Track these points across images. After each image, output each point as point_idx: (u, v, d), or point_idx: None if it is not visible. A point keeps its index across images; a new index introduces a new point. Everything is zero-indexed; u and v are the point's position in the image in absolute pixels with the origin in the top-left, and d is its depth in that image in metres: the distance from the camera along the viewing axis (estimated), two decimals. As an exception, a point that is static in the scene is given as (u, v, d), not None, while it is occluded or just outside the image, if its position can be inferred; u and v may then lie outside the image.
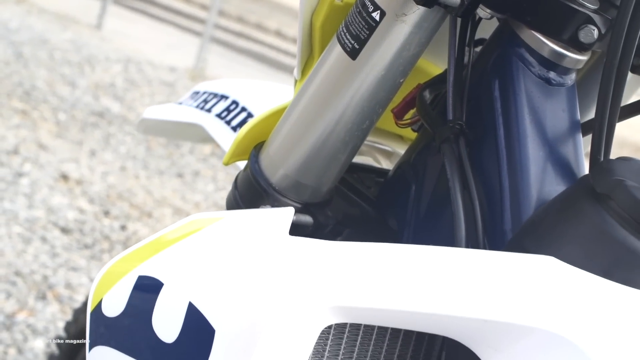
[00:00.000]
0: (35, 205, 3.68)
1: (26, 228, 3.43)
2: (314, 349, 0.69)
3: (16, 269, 3.09)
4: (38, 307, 2.90)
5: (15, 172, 3.97)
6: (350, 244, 0.68)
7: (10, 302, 2.87)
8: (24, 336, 2.72)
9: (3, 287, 2.94)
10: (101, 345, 0.79)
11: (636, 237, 0.63)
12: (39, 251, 3.29)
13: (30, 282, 3.05)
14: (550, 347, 0.58)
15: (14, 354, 2.63)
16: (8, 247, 3.23)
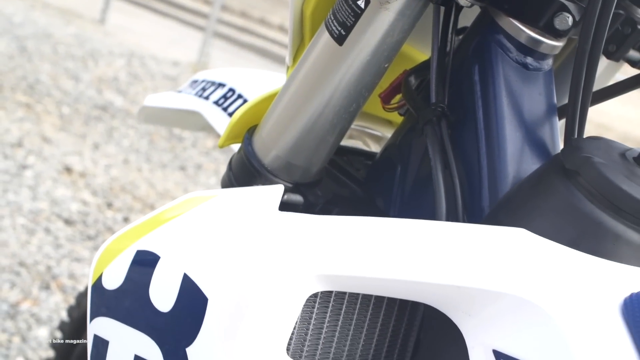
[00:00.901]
0: (39, 197, 3.70)
1: (30, 219, 3.46)
2: (301, 317, 0.73)
3: (20, 259, 3.12)
4: (42, 297, 2.92)
5: (19, 164, 3.99)
6: (334, 217, 0.72)
7: (15, 292, 2.90)
8: (27, 325, 2.74)
9: (7, 277, 2.97)
10: (101, 317, 0.83)
11: (602, 210, 0.67)
12: (43, 242, 3.31)
13: (34, 272, 3.07)
14: (517, 311, 0.61)
15: (18, 342, 2.65)
16: (12, 238, 3.25)
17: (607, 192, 0.66)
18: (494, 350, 0.62)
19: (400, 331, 0.81)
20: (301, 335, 0.74)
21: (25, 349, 2.63)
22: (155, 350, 0.76)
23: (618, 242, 0.66)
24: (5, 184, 3.71)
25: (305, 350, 0.75)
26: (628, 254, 0.66)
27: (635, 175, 0.68)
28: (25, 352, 2.62)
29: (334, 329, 0.76)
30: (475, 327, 0.64)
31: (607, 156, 0.69)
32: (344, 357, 0.77)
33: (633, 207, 0.66)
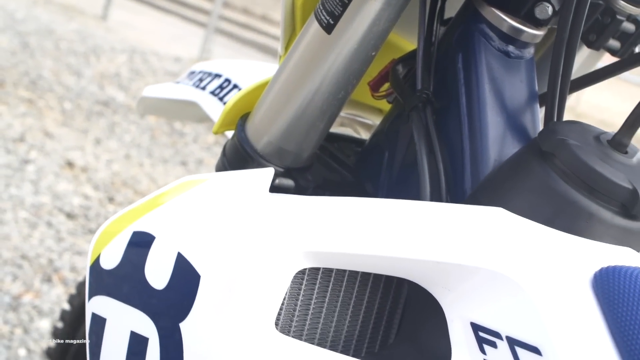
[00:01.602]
0: (41, 192, 3.72)
1: (32, 213, 3.48)
2: (289, 293, 0.76)
3: (22, 252, 3.14)
4: (44, 290, 2.94)
5: (22, 159, 4.01)
6: (321, 197, 0.75)
7: (17, 284, 2.92)
8: (29, 317, 2.76)
9: (9, 270, 2.99)
10: (99, 295, 0.86)
11: (576, 190, 0.69)
12: (45, 236, 3.33)
13: (36, 265, 3.09)
14: (493, 284, 0.64)
15: (20, 333, 2.66)
16: (14, 232, 3.27)
17: (581, 173, 0.69)
18: (472, 322, 0.65)
19: (385, 309, 0.84)
20: (289, 311, 0.77)
21: (27, 340, 2.65)
22: (150, 326, 0.79)
23: (591, 220, 0.68)
24: (7, 178, 3.73)
25: (294, 326, 0.77)
26: (600, 231, 0.69)
27: (609, 157, 0.71)
28: (27, 343, 2.63)
29: (321, 305, 0.79)
30: (454, 301, 0.67)
31: (582, 139, 0.72)
32: (331, 332, 0.80)
33: (606, 187, 0.69)
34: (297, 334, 0.78)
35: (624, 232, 0.69)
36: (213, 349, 0.73)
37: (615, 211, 0.69)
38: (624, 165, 0.71)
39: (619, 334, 0.59)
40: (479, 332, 0.64)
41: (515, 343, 0.61)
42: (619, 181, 0.69)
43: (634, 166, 0.71)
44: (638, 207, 0.69)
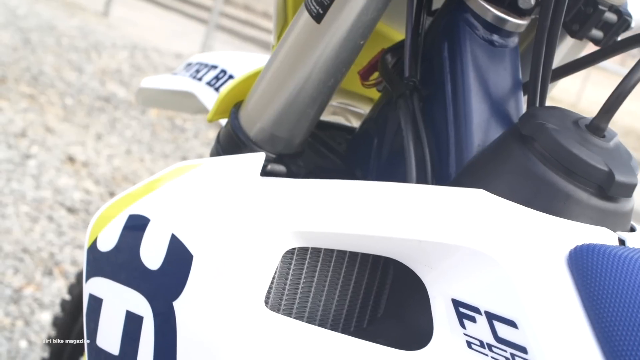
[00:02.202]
0: (43, 186, 3.74)
1: (33, 207, 3.50)
2: (278, 273, 0.78)
3: (24, 246, 3.16)
4: (45, 283, 2.97)
5: (23, 154, 4.03)
6: (310, 180, 0.77)
7: (18, 277, 2.94)
8: (30, 309, 2.78)
9: (11, 263, 3.01)
10: (96, 277, 0.88)
11: (554, 172, 0.72)
12: (46, 229, 3.35)
13: (37, 258, 3.11)
14: (473, 262, 0.66)
15: (21, 325, 2.68)
16: (16, 226, 3.29)
17: (559, 156, 0.72)
18: (452, 299, 0.67)
19: (373, 288, 0.86)
20: (279, 289, 0.79)
21: (28, 332, 2.66)
22: (145, 305, 0.81)
23: (568, 201, 0.71)
24: (9, 173, 3.75)
25: (283, 304, 0.80)
26: (577, 211, 0.71)
27: (587, 141, 0.73)
28: (29, 335, 2.65)
29: (309, 284, 0.81)
30: (436, 279, 0.70)
31: (560, 123, 0.74)
32: (320, 310, 0.83)
33: (583, 169, 0.71)
34: (287, 311, 0.81)
35: (600, 212, 0.72)
36: (205, 326, 0.76)
37: (591, 192, 0.71)
38: (601, 149, 0.73)
39: (592, 307, 0.62)
40: (459, 307, 0.67)
41: (493, 317, 0.64)
42: (596, 163, 0.71)
43: (610, 149, 0.74)
44: (614, 189, 0.71)
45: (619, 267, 0.63)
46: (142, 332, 0.81)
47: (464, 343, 0.66)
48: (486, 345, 0.64)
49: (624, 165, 0.73)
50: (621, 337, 0.60)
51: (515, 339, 0.63)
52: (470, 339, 0.66)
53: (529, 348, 0.62)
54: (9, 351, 2.56)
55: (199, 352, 0.76)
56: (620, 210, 0.73)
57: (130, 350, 0.82)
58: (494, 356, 0.64)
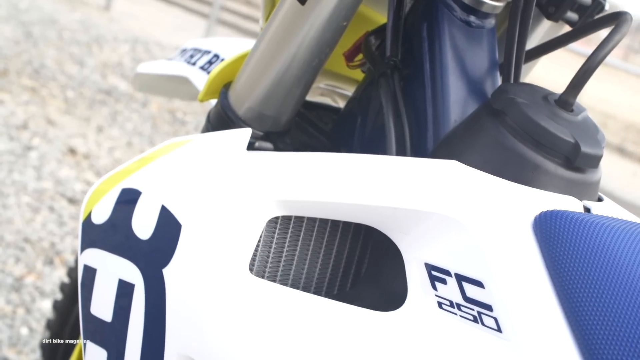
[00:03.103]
0: (44, 177, 3.77)
1: (35, 198, 3.52)
2: (263, 241, 0.82)
3: (25, 235, 3.19)
4: (46, 272, 3.00)
5: (25, 145, 4.06)
6: (292, 153, 0.81)
7: (19, 266, 2.97)
8: (32, 297, 2.81)
9: (12, 253, 3.04)
10: (90, 248, 0.92)
11: (523, 144, 0.75)
12: (47, 220, 3.38)
13: (39, 248, 3.14)
14: (444, 227, 0.70)
15: (22, 313, 2.71)
16: (17, 216, 3.32)
17: (528, 128, 0.75)
18: (425, 263, 0.71)
19: (354, 255, 0.90)
20: (263, 257, 0.83)
21: (29, 319, 2.69)
22: (136, 273, 0.85)
23: (536, 171, 0.74)
24: (10, 164, 3.77)
25: (267, 271, 0.84)
26: (545, 181, 0.74)
27: (555, 115, 0.77)
28: (29, 322, 2.68)
29: (293, 252, 0.85)
30: (410, 244, 0.73)
31: (530, 98, 0.78)
32: (303, 277, 0.87)
33: (550, 141, 0.74)
34: (271, 277, 0.84)
35: (567, 182, 0.75)
36: (192, 291, 0.79)
37: (558, 163, 0.75)
38: (569, 122, 0.77)
39: (554, 268, 0.65)
40: (431, 271, 0.70)
41: (462, 279, 0.68)
42: (562, 135, 0.75)
43: (578, 123, 0.77)
44: (580, 159, 0.74)
45: (581, 231, 0.66)
46: (133, 298, 0.85)
47: (435, 304, 0.69)
48: (455, 305, 0.68)
49: (590, 137, 0.76)
50: (580, 294, 0.63)
51: (482, 298, 0.66)
52: (441, 300, 0.69)
53: (494, 306, 0.65)
54: (10, 338, 2.58)
55: (187, 315, 0.80)
56: (587, 181, 0.77)
57: (122, 317, 0.86)
58: (462, 315, 0.68)
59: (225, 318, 0.77)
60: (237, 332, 0.76)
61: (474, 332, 0.66)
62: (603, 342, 0.61)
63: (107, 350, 0.88)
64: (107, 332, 0.88)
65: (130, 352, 0.85)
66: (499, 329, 0.65)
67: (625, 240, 0.67)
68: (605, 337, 0.61)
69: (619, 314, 0.62)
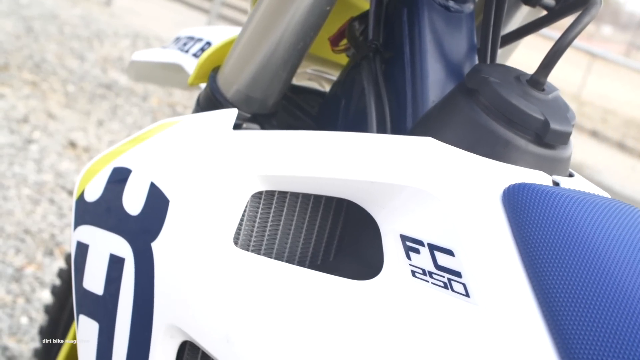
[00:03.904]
0: (44, 170, 3.79)
1: (35, 190, 3.55)
2: (247, 215, 0.85)
3: (25, 227, 3.21)
4: (45, 262, 3.02)
5: (25, 139, 4.08)
6: (276, 131, 0.84)
7: (20, 257, 2.99)
8: (32, 288, 2.84)
9: (13, 244, 3.07)
10: (83, 225, 0.96)
11: (495, 121, 0.78)
12: (47, 212, 3.40)
13: (39, 239, 3.16)
14: (417, 200, 0.73)
15: (22, 303, 2.73)
16: (18, 208, 3.34)
17: (500, 106, 0.78)
18: (400, 234, 0.74)
19: (336, 232, 0.93)
20: (248, 231, 0.86)
21: (29, 309, 2.71)
22: (126, 247, 0.88)
23: (508, 147, 0.77)
24: (11, 157, 3.79)
25: (252, 245, 0.87)
26: (516, 156, 0.77)
27: (526, 94, 0.80)
28: (29, 312, 2.70)
29: (276, 226, 0.88)
30: (386, 217, 0.76)
31: (503, 78, 0.81)
32: (287, 251, 0.90)
33: (521, 118, 0.77)
34: (255, 251, 0.87)
35: (538, 157, 0.78)
36: (179, 263, 0.83)
37: (529, 139, 0.78)
38: (539, 100, 0.80)
39: (520, 237, 0.68)
40: (406, 241, 0.73)
41: (434, 248, 0.71)
42: (533, 113, 0.78)
43: (548, 101, 0.80)
44: (549, 136, 0.77)
45: (547, 202, 0.69)
46: (123, 272, 0.88)
47: (409, 272, 0.73)
48: (427, 272, 0.71)
49: (560, 115, 0.79)
50: (543, 261, 0.67)
51: (452, 265, 0.69)
52: (415, 269, 0.72)
53: (463, 272, 0.69)
54: (10, 327, 2.60)
55: (174, 287, 0.83)
56: (557, 157, 0.80)
57: (113, 289, 0.89)
58: (434, 282, 0.71)
59: (210, 288, 0.80)
60: (222, 302, 0.79)
61: (444, 298, 0.70)
62: (564, 305, 0.64)
63: (99, 322, 0.92)
64: (98, 305, 0.92)
65: (121, 323, 0.88)
66: (467, 294, 0.68)
67: (589, 211, 0.70)
68: (566, 301, 0.64)
69: (579, 278, 0.65)
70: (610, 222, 0.70)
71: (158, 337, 0.84)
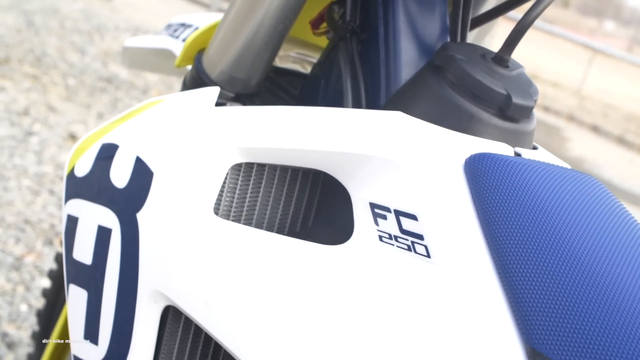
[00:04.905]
0: (44, 162, 3.84)
1: (35, 182, 3.59)
2: (227, 186, 0.89)
3: (25, 217, 3.25)
4: (45, 252, 3.07)
5: (26, 131, 4.11)
6: (254, 107, 0.88)
7: (19, 246, 3.04)
8: (31, 276, 2.89)
9: (13, 233, 3.11)
10: (73, 199, 1.00)
11: (461, 96, 0.82)
12: (47, 202, 3.45)
13: (39, 229, 3.20)
14: (385, 169, 0.77)
15: (22, 291, 2.77)
16: (18, 198, 3.38)
17: (465, 82, 0.82)
18: (369, 202, 0.78)
19: (313, 204, 0.97)
20: (228, 202, 0.90)
21: (28, 297, 2.76)
22: (113, 218, 0.93)
23: (472, 120, 0.81)
24: (11, 149, 3.83)
25: (232, 215, 0.91)
26: (480, 129, 0.81)
27: (491, 70, 0.84)
28: (29, 299, 2.74)
29: (255, 198, 0.92)
30: (356, 186, 0.80)
31: (469, 55, 0.85)
32: (266, 221, 0.94)
33: (485, 93, 0.81)
34: (235, 220, 0.92)
35: (500, 130, 0.82)
36: (162, 231, 0.87)
37: (492, 113, 0.82)
38: (503, 77, 0.84)
39: (479, 202, 0.73)
40: (374, 209, 0.78)
41: (400, 214, 0.75)
42: (496, 88, 0.82)
43: (512, 77, 0.85)
44: (511, 110, 0.82)
45: (505, 169, 0.74)
46: (111, 242, 0.93)
47: (377, 237, 0.77)
48: (393, 237, 0.76)
49: (523, 90, 0.84)
50: (500, 224, 0.71)
51: (415, 229, 0.74)
52: (382, 233, 0.77)
53: (425, 235, 0.73)
54: (10, 314, 2.64)
55: (157, 254, 0.88)
56: (520, 130, 0.84)
57: (101, 259, 0.94)
58: (398, 245, 0.75)
59: (191, 255, 0.84)
60: (202, 267, 0.83)
61: (408, 259, 0.74)
62: (517, 264, 0.69)
63: (88, 290, 0.96)
64: (87, 274, 0.96)
65: (108, 290, 0.93)
66: (428, 255, 0.73)
67: (544, 178, 0.74)
68: (519, 260, 0.69)
69: (531, 240, 0.69)
70: (565, 189, 0.74)
71: (142, 302, 0.89)
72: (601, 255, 0.68)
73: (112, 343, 0.93)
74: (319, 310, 0.75)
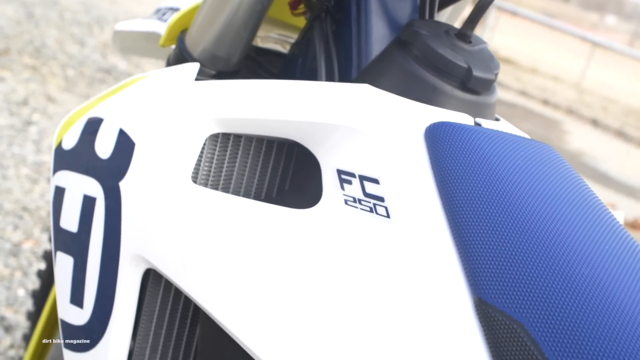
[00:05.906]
0: (43, 151, 3.87)
1: (34, 170, 3.63)
2: (205, 156, 0.93)
3: (23, 205, 3.30)
4: (43, 238, 3.12)
5: (25, 121, 4.15)
6: (230, 80, 0.93)
7: (17, 233, 3.09)
8: (29, 262, 2.94)
9: (11, 220, 3.16)
10: (60, 170, 1.05)
11: (424, 70, 0.86)
12: (45, 190, 3.48)
13: (36, 217, 3.24)
14: (350, 137, 0.81)
15: (19, 276, 2.82)
16: (16, 186, 3.42)
17: (429, 56, 0.87)
18: (337, 169, 0.83)
19: (288, 174, 1.02)
20: (205, 171, 0.94)
21: (26, 282, 2.80)
22: (97, 187, 0.98)
23: (435, 92, 0.86)
24: (10, 138, 3.86)
25: (209, 184, 0.96)
26: (443, 101, 0.86)
27: (454, 45, 0.88)
28: (26, 284, 2.78)
29: (232, 167, 0.97)
30: (325, 154, 0.85)
31: (433, 31, 0.89)
32: (242, 190, 0.99)
33: (447, 66, 0.85)
34: (213, 189, 0.97)
35: (463, 102, 0.87)
36: (143, 198, 0.92)
37: (454, 85, 0.87)
38: (465, 51, 0.88)
39: (437, 167, 0.77)
40: (341, 175, 0.82)
41: (364, 178, 0.80)
42: (458, 62, 0.86)
43: (474, 52, 0.89)
44: (472, 82, 0.86)
45: (463, 137, 0.78)
46: (95, 209, 0.97)
47: (342, 201, 0.82)
48: (357, 200, 0.80)
49: (484, 64, 0.88)
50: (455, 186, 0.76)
51: (377, 192, 0.78)
52: (347, 197, 0.81)
53: (385, 197, 0.78)
54: (8, 298, 2.69)
55: (138, 220, 0.92)
56: (482, 102, 0.88)
57: (86, 226, 0.99)
58: (362, 207, 0.80)
59: (169, 220, 0.89)
60: (179, 231, 0.88)
61: (370, 220, 0.79)
62: (469, 224, 0.74)
63: (74, 256, 1.01)
64: (73, 241, 1.01)
65: (92, 255, 0.97)
66: (388, 215, 0.77)
67: (502, 146, 0.79)
68: (471, 220, 0.74)
69: (483, 202, 0.74)
70: (518, 155, 0.79)
71: (124, 266, 0.94)
72: (547, 214, 0.73)
73: (96, 306, 0.98)
74: (289, 268, 0.80)
